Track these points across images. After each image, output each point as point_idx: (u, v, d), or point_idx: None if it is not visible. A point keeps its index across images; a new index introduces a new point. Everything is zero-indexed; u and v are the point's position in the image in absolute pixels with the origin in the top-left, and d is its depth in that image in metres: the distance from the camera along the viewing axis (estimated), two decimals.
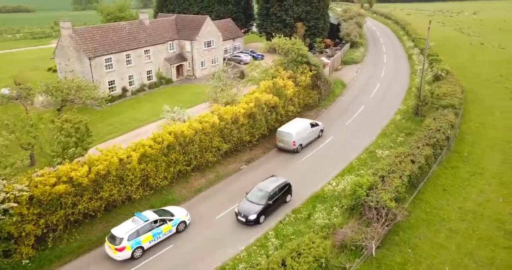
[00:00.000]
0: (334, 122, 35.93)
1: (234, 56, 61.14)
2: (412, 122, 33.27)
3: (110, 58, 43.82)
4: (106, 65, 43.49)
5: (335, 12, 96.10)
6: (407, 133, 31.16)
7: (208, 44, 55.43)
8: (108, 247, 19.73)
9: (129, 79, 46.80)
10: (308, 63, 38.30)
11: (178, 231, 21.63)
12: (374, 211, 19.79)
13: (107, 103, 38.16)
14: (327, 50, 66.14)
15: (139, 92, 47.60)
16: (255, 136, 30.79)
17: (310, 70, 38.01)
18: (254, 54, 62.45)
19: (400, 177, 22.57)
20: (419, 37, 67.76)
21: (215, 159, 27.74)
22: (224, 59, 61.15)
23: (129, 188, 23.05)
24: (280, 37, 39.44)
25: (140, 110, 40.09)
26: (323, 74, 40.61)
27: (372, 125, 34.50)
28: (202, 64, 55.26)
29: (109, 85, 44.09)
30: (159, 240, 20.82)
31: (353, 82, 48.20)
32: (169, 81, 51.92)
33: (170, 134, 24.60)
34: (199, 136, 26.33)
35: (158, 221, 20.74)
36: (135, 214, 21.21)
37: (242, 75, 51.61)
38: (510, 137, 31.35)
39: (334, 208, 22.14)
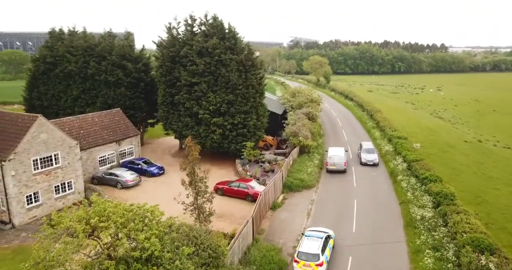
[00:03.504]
0: None
1: (106, 174, 36.40)
2: None
3: None
4: None
5: (282, 93, 76.45)
6: None
7: (45, 162, 30.83)
8: (303, 266, 20.70)
9: None
10: None
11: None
12: None
13: None
14: (267, 155, 43.49)
15: None
16: None
17: None
18: (148, 168, 38.35)
19: None
20: (397, 134, 47.00)
21: None
22: (93, 178, 36.64)
23: None
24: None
25: None
26: None
27: None
28: (29, 200, 30.04)
29: None
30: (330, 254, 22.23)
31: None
32: None
33: None
34: None
35: (327, 236, 22.81)
36: (305, 234, 23.00)
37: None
38: None
39: None
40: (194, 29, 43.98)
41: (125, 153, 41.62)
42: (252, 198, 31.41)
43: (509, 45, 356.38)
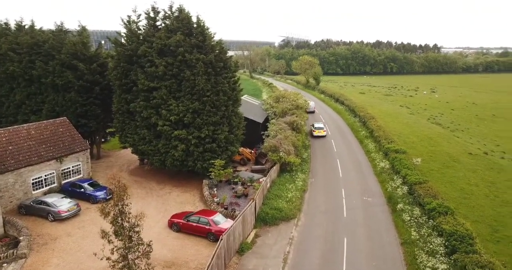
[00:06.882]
0: None
1: (36, 202, 29.18)
2: None
3: None
4: None
5: (268, 96, 69.79)
6: None
7: None
8: (317, 132, 49.62)
9: None
10: None
11: None
12: None
13: None
14: (243, 172, 36.86)
15: None
16: None
17: None
18: (93, 192, 31.27)
19: None
20: (394, 147, 40.74)
21: None
22: (20, 207, 29.58)
23: None
24: None
25: None
26: None
27: None
28: None
29: None
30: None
31: None
32: None
33: None
34: None
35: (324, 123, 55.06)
36: (314, 123, 52.54)
37: None
38: None
39: None
40: (158, 23, 37.13)
41: (70, 171, 34.56)
42: (214, 236, 24.71)
43: (498, 46, 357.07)
